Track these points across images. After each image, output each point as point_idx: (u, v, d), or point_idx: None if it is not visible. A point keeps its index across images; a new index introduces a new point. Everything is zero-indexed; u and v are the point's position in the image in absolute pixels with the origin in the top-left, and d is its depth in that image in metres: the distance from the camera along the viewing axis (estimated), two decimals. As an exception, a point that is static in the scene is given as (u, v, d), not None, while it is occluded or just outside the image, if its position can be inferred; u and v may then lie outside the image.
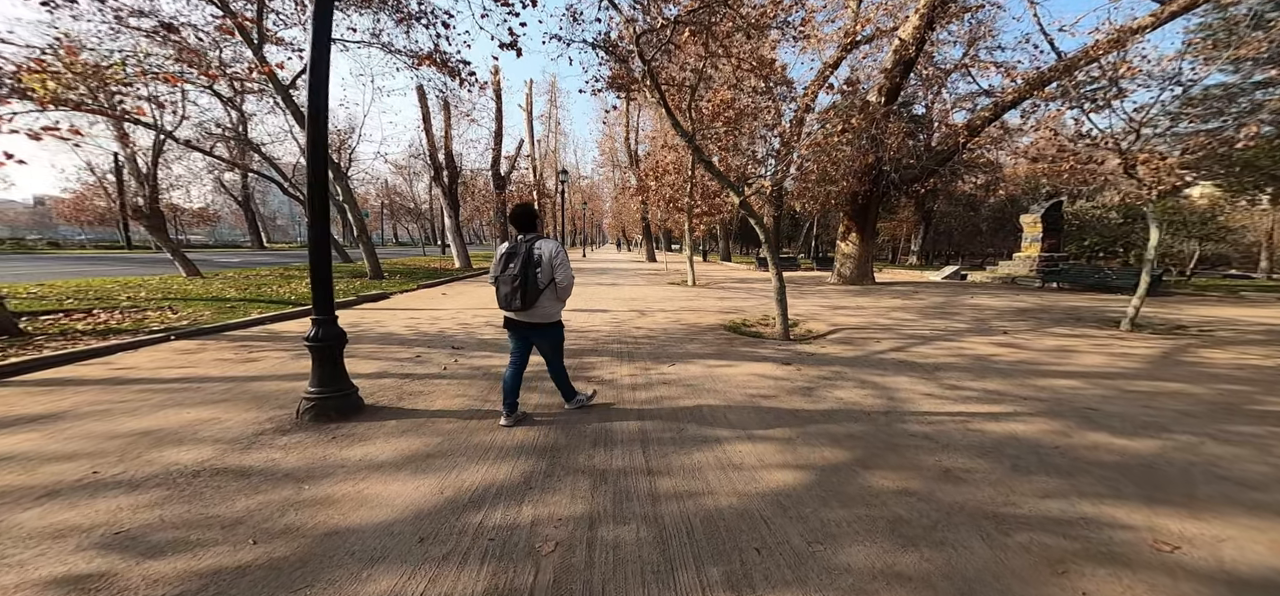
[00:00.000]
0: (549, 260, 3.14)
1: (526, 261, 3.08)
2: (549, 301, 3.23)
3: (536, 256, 3.11)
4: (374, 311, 8.23)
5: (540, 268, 3.11)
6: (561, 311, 3.39)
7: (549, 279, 3.17)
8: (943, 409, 3.84)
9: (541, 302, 3.20)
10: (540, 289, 3.14)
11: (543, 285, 3.15)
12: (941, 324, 7.89)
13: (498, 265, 3.18)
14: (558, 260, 3.16)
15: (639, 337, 6.63)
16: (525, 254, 3.09)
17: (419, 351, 5.42)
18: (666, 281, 15.40)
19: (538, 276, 3.11)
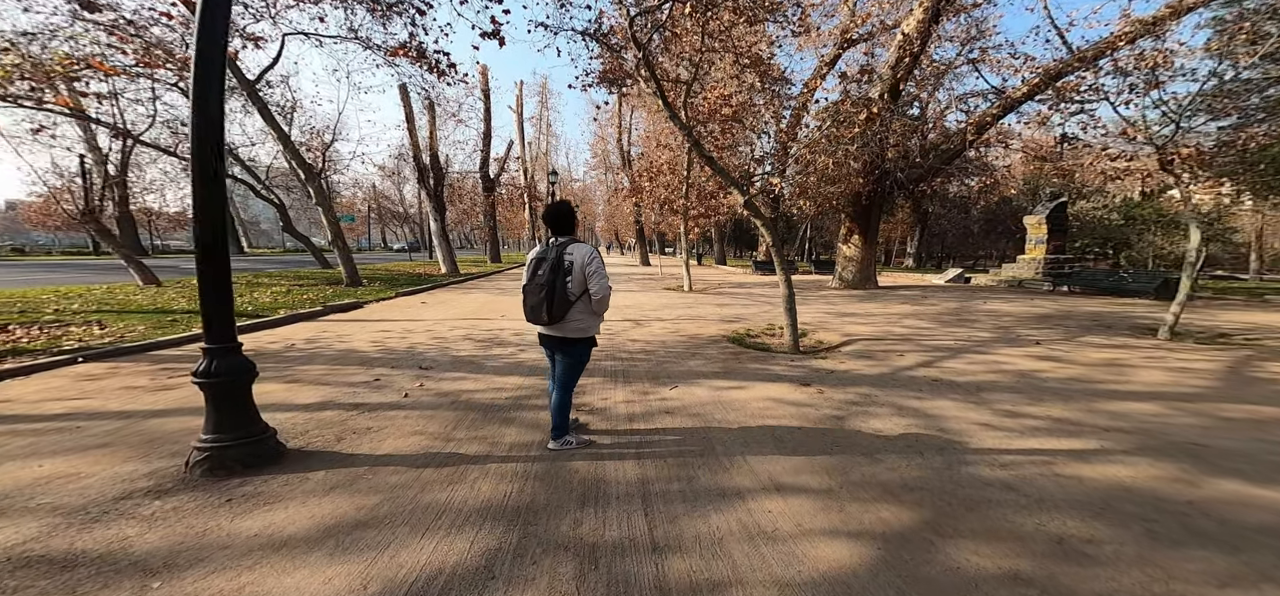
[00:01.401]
0: (581, 268, 2.76)
1: (555, 268, 2.74)
2: (582, 315, 2.84)
3: (567, 263, 2.76)
4: (340, 323, 7.41)
5: (570, 276, 2.75)
6: (598, 327, 2.96)
7: (581, 289, 2.79)
8: (1010, 444, 3.16)
9: (572, 316, 2.82)
10: (570, 301, 2.77)
11: (574, 296, 2.77)
12: (963, 333, 7.27)
13: (527, 272, 2.88)
14: (592, 268, 2.75)
15: (635, 353, 5.91)
16: (554, 260, 2.76)
17: (379, 373, 4.64)
18: (661, 287, 14.72)
19: (568, 286, 2.76)
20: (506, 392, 4.24)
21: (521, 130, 30.20)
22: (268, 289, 10.18)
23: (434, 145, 19.61)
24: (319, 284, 12.10)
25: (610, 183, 28.40)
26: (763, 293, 13.25)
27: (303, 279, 13.12)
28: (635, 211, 24.52)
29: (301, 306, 8.28)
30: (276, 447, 2.78)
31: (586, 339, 2.92)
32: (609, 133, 27.89)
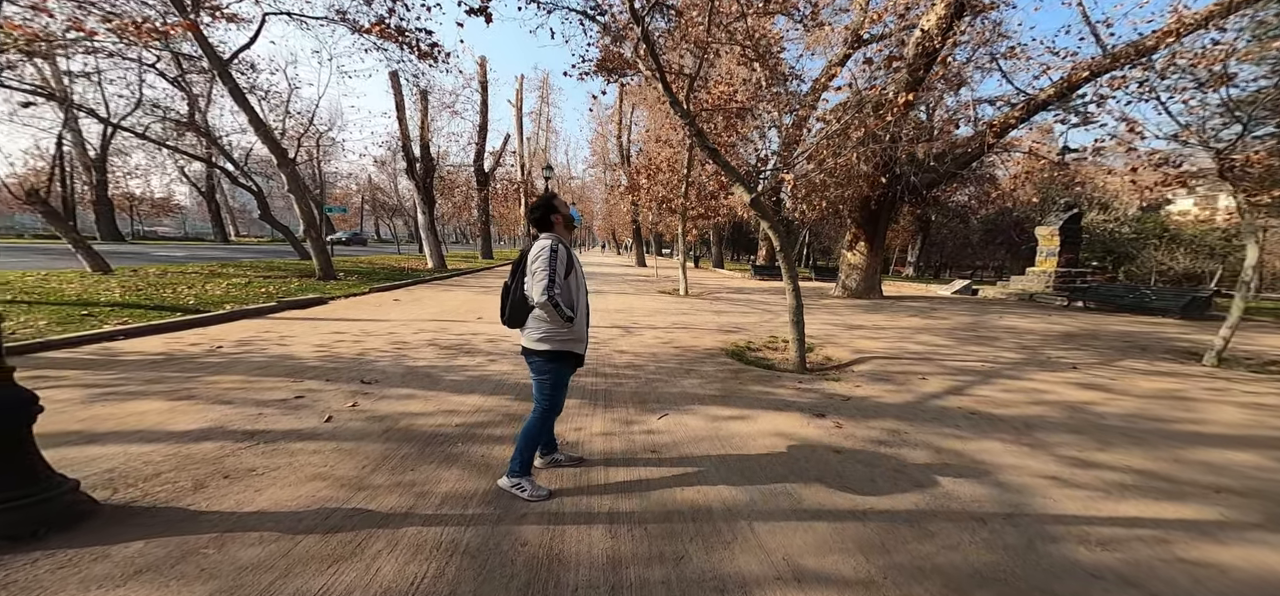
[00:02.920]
0: (529, 266, 2.33)
1: (516, 267, 2.45)
2: (539, 321, 2.38)
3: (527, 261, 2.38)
4: (291, 322, 6.62)
5: (527, 276, 2.36)
6: (562, 341, 2.40)
7: None
8: (1098, 509, 2.44)
9: (530, 323, 2.41)
10: (526, 304, 2.38)
11: (531, 300, 2.33)
12: (985, 352, 6.56)
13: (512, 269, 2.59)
14: (535, 266, 2.28)
15: (621, 368, 5.16)
16: (519, 257, 2.47)
17: (307, 388, 3.87)
18: (656, 290, 13.97)
19: (525, 286, 2.37)
20: (459, 417, 3.48)
21: (520, 124, 29.40)
22: (226, 281, 9.35)
23: (425, 135, 18.80)
24: (288, 276, 11.27)
25: (609, 180, 27.67)
26: (762, 300, 12.54)
27: (273, 270, 12.29)
28: (632, 211, 23.79)
29: (256, 301, 7.48)
30: (76, 506, 1.98)
31: (545, 353, 2.38)
32: (609, 130, 27.18)
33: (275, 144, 11.43)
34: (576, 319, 2.36)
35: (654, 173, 13.47)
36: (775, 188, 8.92)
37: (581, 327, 2.44)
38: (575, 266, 2.40)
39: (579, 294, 2.43)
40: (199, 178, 33.74)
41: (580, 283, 2.47)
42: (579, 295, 2.43)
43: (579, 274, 2.47)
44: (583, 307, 2.47)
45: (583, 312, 2.46)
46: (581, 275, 2.50)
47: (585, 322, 2.49)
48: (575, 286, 2.40)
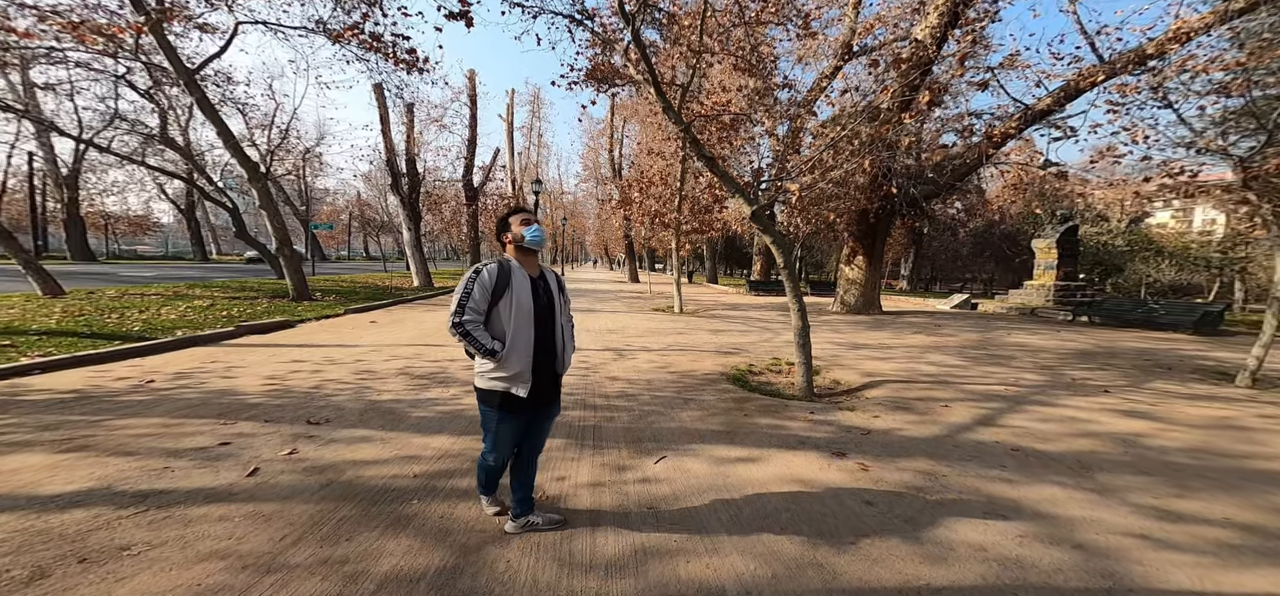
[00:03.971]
0: None
1: None
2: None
3: None
4: (246, 349, 5.99)
5: None
6: (490, 377, 2.04)
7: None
8: (1220, 582, 1.94)
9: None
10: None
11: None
12: (1003, 374, 6.12)
13: None
14: (456, 291, 2.02)
15: (613, 397, 4.63)
16: None
17: (238, 431, 3.27)
18: (650, 307, 13.48)
19: None
20: (420, 465, 2.92)
21: (511, 139, 29.11)
22: (187, 304, 8.67)
23: (411, 149, 18.35)
24: (259, 297, 10.61)
25: (601, 195, 27.34)
26: (760, 317, 12.09)
27: (245, 290, 11.61)
28: (625, 225, 23.41)
29: (213, 325, 6.83)
30: None
31: (477, 390, 2.08)
32: (600, 144, 26.98)
33: (246, 158, 10.86)
34: (506, 353, 1.96)
35: (646, 186, 13.10)
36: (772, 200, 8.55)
37: (516, 364, 1.99)
38: (512, 292, 1.99)
39: (516, 324, 1.98)
40: (179, 195, 32.87)
41: (520, 311, 1.99)
42: (516, 325, 1.98)
43: (520, 301, 1.99)
44: (523, 341, 1.99)
45: (522, 347, 1.99)
46: (528, 302, 2.01)
47: (529, 357, 2.00)
48: (509, 314, 1.97)
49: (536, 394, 2.05)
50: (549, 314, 2.08)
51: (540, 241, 2.08)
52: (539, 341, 2.03)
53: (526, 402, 2.03)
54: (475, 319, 1.95)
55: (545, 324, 2.06)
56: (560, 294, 2.17)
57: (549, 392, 2.12)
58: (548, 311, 2.08)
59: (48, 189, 27.07)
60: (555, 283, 2.16)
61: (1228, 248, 15.55)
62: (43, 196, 27.41)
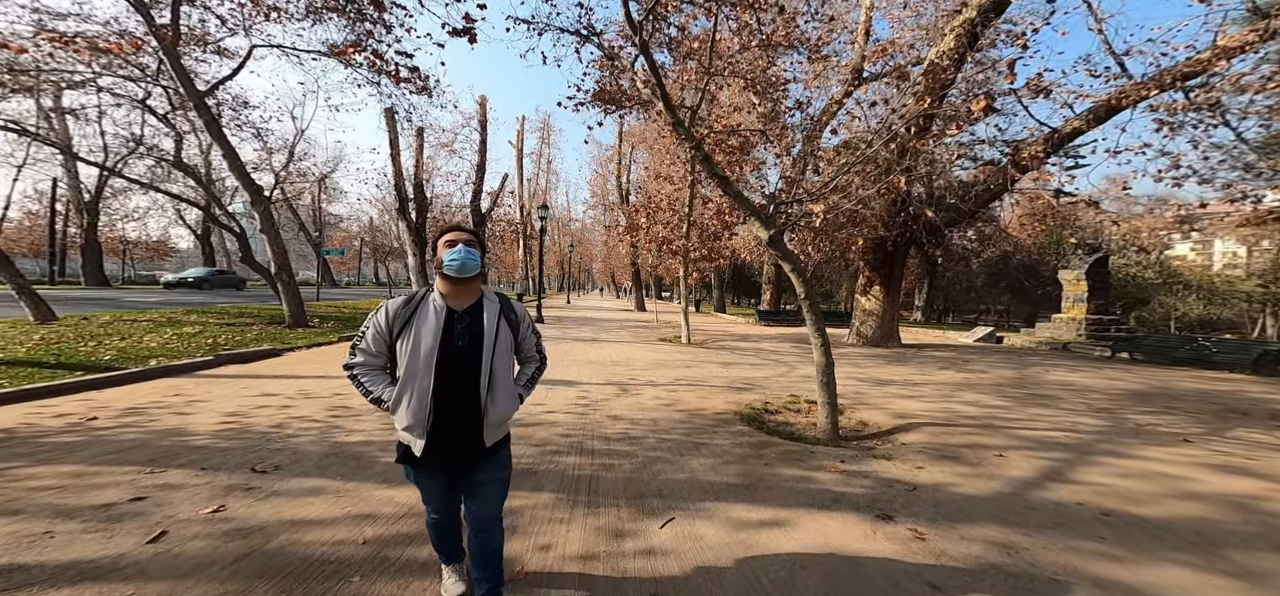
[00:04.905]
0: None
1: None
2: None
3: None
4: (220, 381, 5.55)
5: None
6: (401, 428, 1.67)
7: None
8: None
9: None
10: None
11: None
12: (1055, 417, 5.45)
13: None
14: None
15: (614, 440, 4.08)
16: None
17: (163, 482, 2.77)
18: (657, 337, 12.93)
19: None
20: (376, 525, 2.40)
21: (520, 165, 29.44)
22: (175, 330, 8.34)
23: (419, 174, 18.42)
24: (255, 323, 10.30)
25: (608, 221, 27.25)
26: (772, 349, 11.47)
27: (243, 316, 11.33)
28: (631, 252, 23.12)
29: (194, 353, 6.45)
30: None
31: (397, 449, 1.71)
32: (608, 170, 27.06)
33: (250, 181, 10.78)
34: (393, 406, 1.61)
35: (654, 211, 12.78)
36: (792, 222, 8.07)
37: (405, 416, 1.60)
38: (412, 330, 1.61)
39: (407, 369, 1.60)
40: (197, 221, 33.51)
41: (415, 353, 1.59)
42: (406, 370, 1.60)
43: (419, 341, 1.59)
44: (413, 388, 1.59)
45: (412, 396, 1.59)
46: (429, 343, 1.59)
47: (423, 408, 1.58)
48: (406, 355, 1.60)
49: (446, 454, 1.62)
50: (466, 356, 1.61)
51: (462, 268, 1.63)
52: (441, 390, 1.58)
53: (430, 462, 1.63)
54: (368, 361, 1.67)
55: (455, 369, 1.60)
56: (504, 330, 1.70)
57: (468, 453, 1.64)
58: (464, 354, 1.61)
59: (70, 214, 27.68)
60: (495, 318, 1.68)
61: (1270, 281, 14.69)
62: (64, 221, 28.03)
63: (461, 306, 1.66)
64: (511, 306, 1.78)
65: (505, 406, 1.67)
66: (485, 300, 1.71)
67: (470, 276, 1.65)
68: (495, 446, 1.69)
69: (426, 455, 1.60)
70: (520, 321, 1.80)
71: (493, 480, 1.71)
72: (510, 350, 1.73)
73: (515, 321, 1.77)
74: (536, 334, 1.88)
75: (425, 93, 10.56)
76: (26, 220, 30.23)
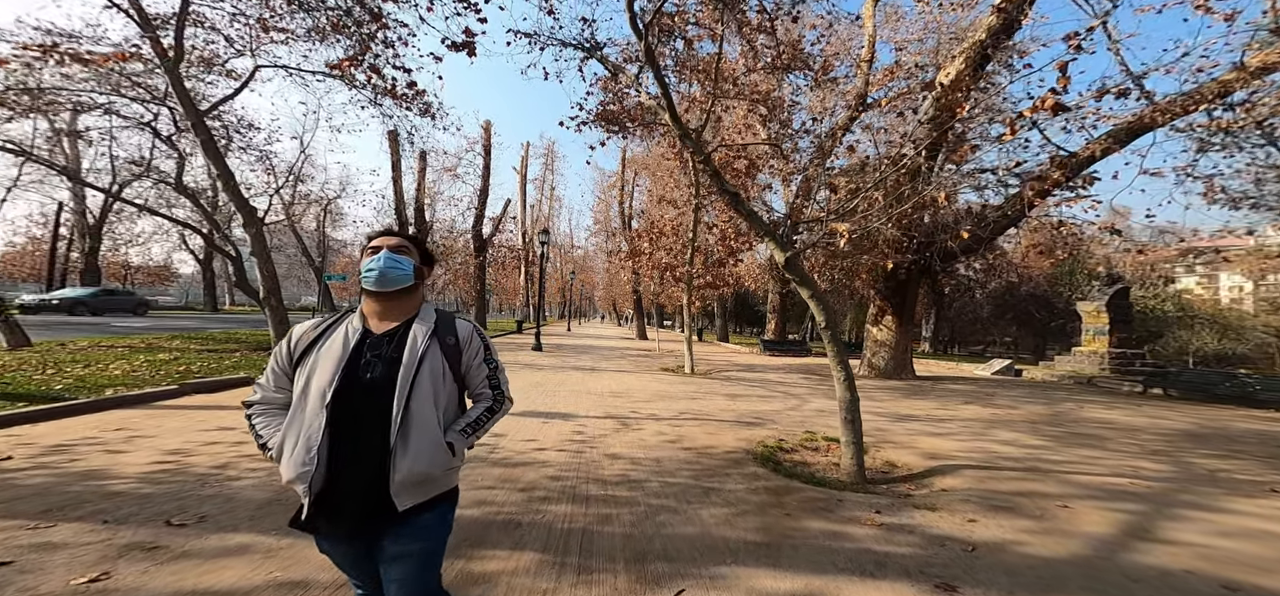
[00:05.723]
0: None
1: None
2: None
3: None
4: (175, 412, 5.03)
5: None
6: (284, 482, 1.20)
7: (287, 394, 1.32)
8: None
9: None
10: None
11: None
12: (1109, 460, 4.86)
13: None
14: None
15: (612, 484, 3.53)
16: None
17: (47, 540, 2.24)
18: (659, 366, 12.37)
19: None
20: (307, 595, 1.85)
21: (523, 191, 29.50)
22: (148, 357, 7.87)
23: (421, 198, 18.34)
24: (240, 349, 9.85)
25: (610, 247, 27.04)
26: (780, 380, 10.88)
27: (229, 343, 10.89)
28: (633, 279, 22.77)
29: (160, 382, 5.97)
30: None
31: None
32: (611, 196, 27.05)
33: (244, 203, 10.52)
34: (277, 453, 1.20)
35: (657, 237, 12.45)
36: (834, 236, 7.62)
37: (287, 468, 1.16)
38: (313, 360, 1.23)
39: (294, 409, 1.20)
40: (200, 246, 33.53)
41: (308, 389, 1.20)
42: (293, 410, 1.20)
43: (315, 375, 1.20)
44: (299, 433, 1.17)
45: (296, 444, 1.16)
46: (324, 378, 1.19)
47: (307, 459, 1.14)
48: (298, 389, 1.21)
49: (348, 519, 1.18)
50: (376, 391, 1.19)
51: (382, 280, 1.26)
52: (337, 434, 1.16)
53: (325, 527, 1.19)
54: (267, 399, 1.29)
55: (356, 407, 1.18)
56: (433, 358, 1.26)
57: (374, 519, 1.18)
58: (373, 389, 1.19)
59: (73, 238, 27.71)
60: (423, 341, 1.26)
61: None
62: (67, 245, 28.02)
63: (385, 328, 1.28)
64: (453, 326, 1.36)
65: (425, 459, 1.19)
66: (416, 320, 1.31)
67: (396, 291, 1.28)
68: (416, 510, 1.21)
69: (318, 519, 1.16)
70: (463, 345, 1.35)
71: (406, 554, 1.21)
72: (442, 384, 1.28)
73: (455, 345, 1.33)
74: (492, 364, 1.40)
75: (429, 115, 10.43)
76: (30, 245, 30.28)
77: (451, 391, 1.31)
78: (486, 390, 1.38)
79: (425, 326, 1.29)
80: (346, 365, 1.19)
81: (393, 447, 1.16)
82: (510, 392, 1.45)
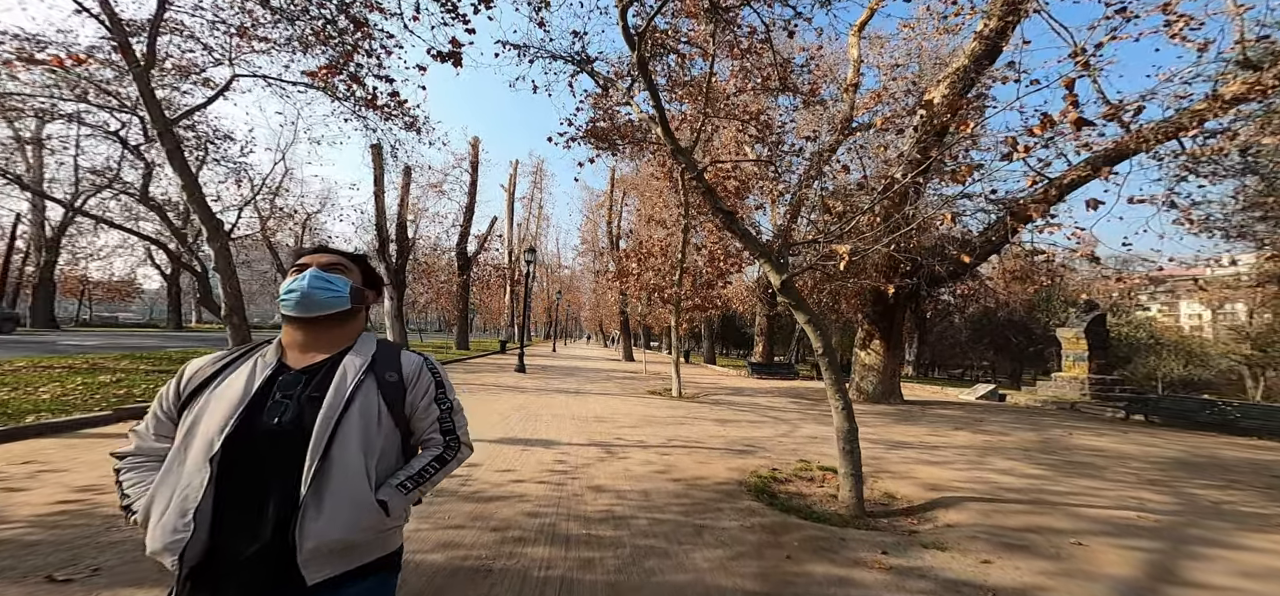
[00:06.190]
0: None
1: None
2: None
3: None
4: (101, 441, 4.52)
5: None
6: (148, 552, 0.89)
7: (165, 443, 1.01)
8: None
9: None
10: None
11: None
12: (1110, 491, 4.71)
13: None
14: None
15: (595, 521, 3.21)
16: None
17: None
18: (646, 389, 12.04)
19: None
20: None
21: (511, 209, 29.21)
22: (88, 378, 7.23)
23: (404, 214, 17.89)
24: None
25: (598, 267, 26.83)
26: (769, 404, 10.66)
27: (180, 364, 10.16)
28: (620, 301, 22.52)
29: (91, 407, 5.42)
30: None
31: None
32: (599, 216, 26.97)
33: (210, 216, 9.99)
34: (142, 518, 0.91)
35: (645, 257, 12.28)
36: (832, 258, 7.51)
37: (156, 536, 0.87)
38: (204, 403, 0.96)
39: (171, 460, 0.92)
40: (166, 261, 32.13)
41: (200, 436, 0.92)
42: (169, 462, 0.92)
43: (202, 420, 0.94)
44: (172, 490, 0.89)
45: (169, 501, 0.88)
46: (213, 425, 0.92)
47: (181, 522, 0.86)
48: (180, 443, 0.93)
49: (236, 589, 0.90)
50: (284, 441, 0.93)
51: (304, 303, 1.02)
52: (224, 494, 0.90)
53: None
54: (144, 452, 1.00)
55: (255, 459, 0.92)
56: (368, 398, 1.01)
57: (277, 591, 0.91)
58: (280, 438, 0.93)
59: (29, 251, 26.25)
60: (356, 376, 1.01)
61: (1267, 344, 14.63)
62: (23, 259, 26.53)
63: (307, 362, 1.03)
64: (396, 359, 1.11)
65: (343, 520, 0.92)
66: (350, 353, 1.06)
67: (324, 317, 1.04)
68: (338, 582, 0.94)
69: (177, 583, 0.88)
70: (408, 382, 1.09)
71: None
72: (376, 429, 1.01)
73: (398, 383, 1.07)
74: (446, 405, 1.14)
75: (414, 130, 10.17)
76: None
77: (391, 438, 1.05)
78: (436, 435, 1.11)
79: (360, 359, 1.04)
80: (247, 408, 0.93)
81: (302, 508, 0.88)
82: (469, 438, 1.18)
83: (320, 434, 0.92)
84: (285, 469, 0.90)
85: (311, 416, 0.94)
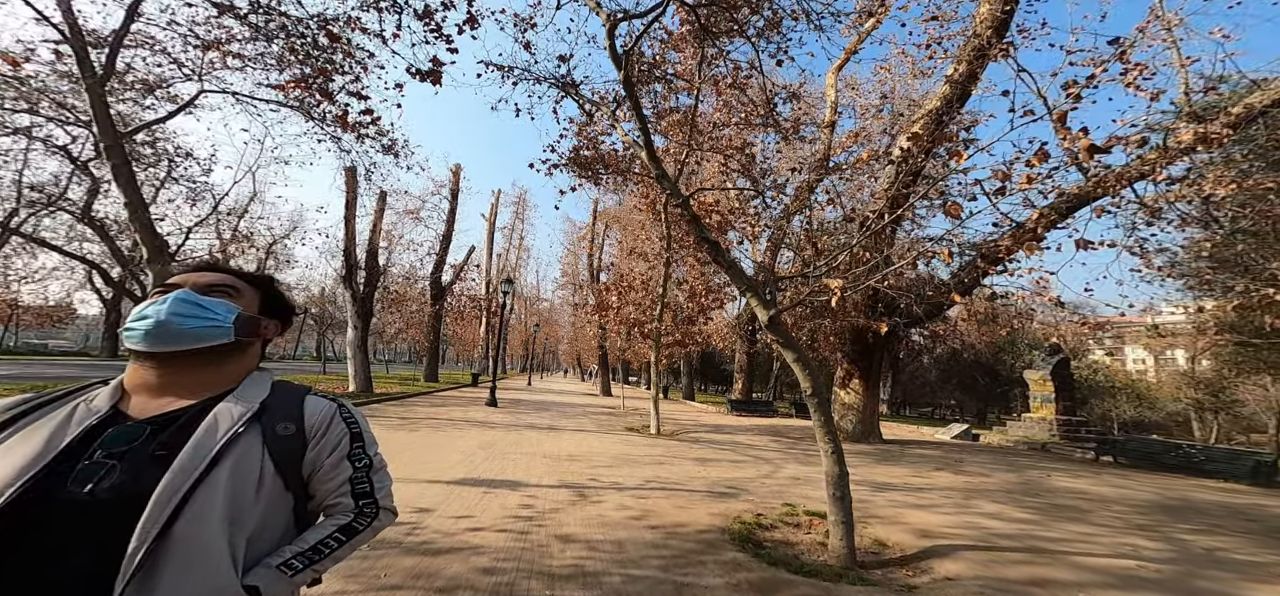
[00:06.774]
0: None
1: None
2: None
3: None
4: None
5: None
6: None
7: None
8: None
9: None
10: None
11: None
12: (1100, 537, 4.57)
13: None
14: None
15: (562, 579, 2.81)
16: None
17: None
18: (623, 426, 11.55)
19: None
20: None
21: (491, 239, 28.80)
22: None
23: (376, 240, 17.27)
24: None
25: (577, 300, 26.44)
26: (750, 442, 10.35)
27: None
28: (599, 335, 22.10)
29: None
30: None
31: None
32: (580, 248, 26.81)
33: (153, 235, 9.27)
34: None
35: (625, 291, 12.07)
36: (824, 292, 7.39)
37: None
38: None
39: None
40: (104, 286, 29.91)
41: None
42: None
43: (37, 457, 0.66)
44: None
45: None
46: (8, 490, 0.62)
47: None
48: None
49: None
50: (94, 516, 0.65)
51: (156, 334, 0.76)
52: (21, 577, 0.61)
53: None
54: None
55: (55, 543, 0.63)
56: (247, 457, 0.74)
57: None
58: (86, 510, 0.65)
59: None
60: (233, 427, 0.74)
61: (1219, 389, 15.37)
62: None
63: (159, 409, 0.77)
64: (296, 406, 0.85)
65: None
66: (228, 398, 0.79)
67: (190, 352, 0.78)
68: None
69: None
70: (311, 436, 0.84)
71: None
72: (253, 498, 0.74)
73: (295, 436, 0.82)
74: (361, 461, 0.87)
75: (392, 153, 9.87)
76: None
77: (276, 507, 0.77)
78: (345, 499, 0.83)
79: (241, 407, 0.77)
80: (44, 471, 0.65)
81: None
82: (392, 502, 0.91)
83: (160, 504, 0.64)
84: (99, 553, 0.63)
85: (152, 481, 0.66)
